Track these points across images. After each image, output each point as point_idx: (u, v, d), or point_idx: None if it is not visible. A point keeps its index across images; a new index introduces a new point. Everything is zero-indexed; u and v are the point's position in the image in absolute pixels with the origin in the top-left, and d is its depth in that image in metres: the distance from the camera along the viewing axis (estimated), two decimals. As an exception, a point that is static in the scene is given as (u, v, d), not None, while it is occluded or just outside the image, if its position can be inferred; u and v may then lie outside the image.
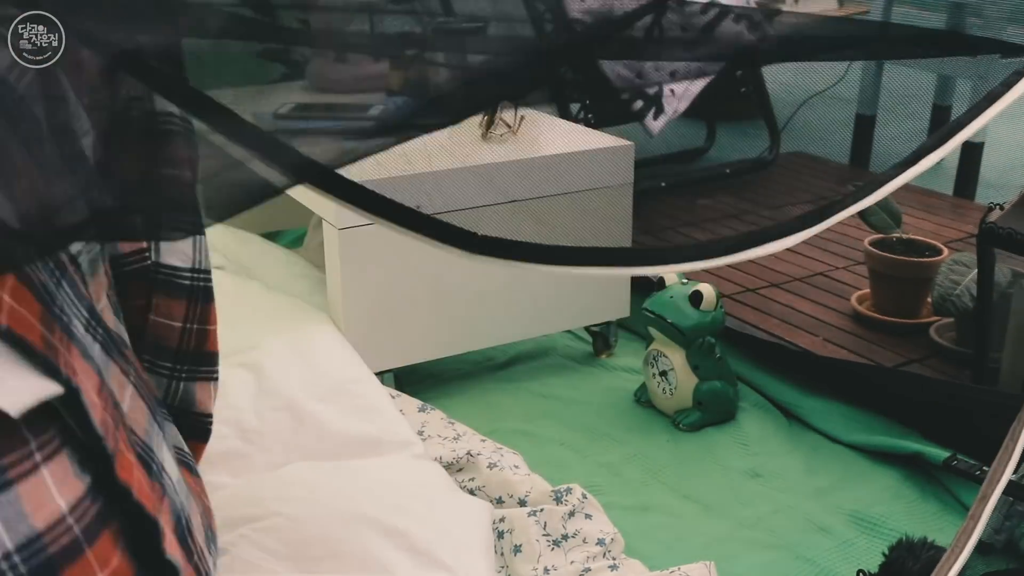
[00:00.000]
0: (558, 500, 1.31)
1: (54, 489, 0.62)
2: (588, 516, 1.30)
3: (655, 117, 2.49)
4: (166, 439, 0.85)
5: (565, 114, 2.36)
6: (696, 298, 1.62)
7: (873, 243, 1.93)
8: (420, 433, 1.48)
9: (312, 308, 1.62)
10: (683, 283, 1.66)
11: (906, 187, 0.87)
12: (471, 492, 1.36)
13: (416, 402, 1.55)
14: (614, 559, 1.25)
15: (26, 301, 0.62)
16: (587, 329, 1.86)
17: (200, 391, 0.98)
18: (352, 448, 1.33)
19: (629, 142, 1.74)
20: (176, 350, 0.95)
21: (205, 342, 0.98)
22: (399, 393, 1.58)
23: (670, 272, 1.63)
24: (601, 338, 1.85)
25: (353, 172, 1.66)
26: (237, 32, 1.00)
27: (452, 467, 1.40)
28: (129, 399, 0.79)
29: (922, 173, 0.84)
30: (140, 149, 0.84)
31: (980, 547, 1.31)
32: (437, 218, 0.82)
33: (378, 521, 1.14)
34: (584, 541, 1.26)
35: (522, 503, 1.33)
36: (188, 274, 0.96)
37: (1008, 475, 0.98)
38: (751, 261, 2.22)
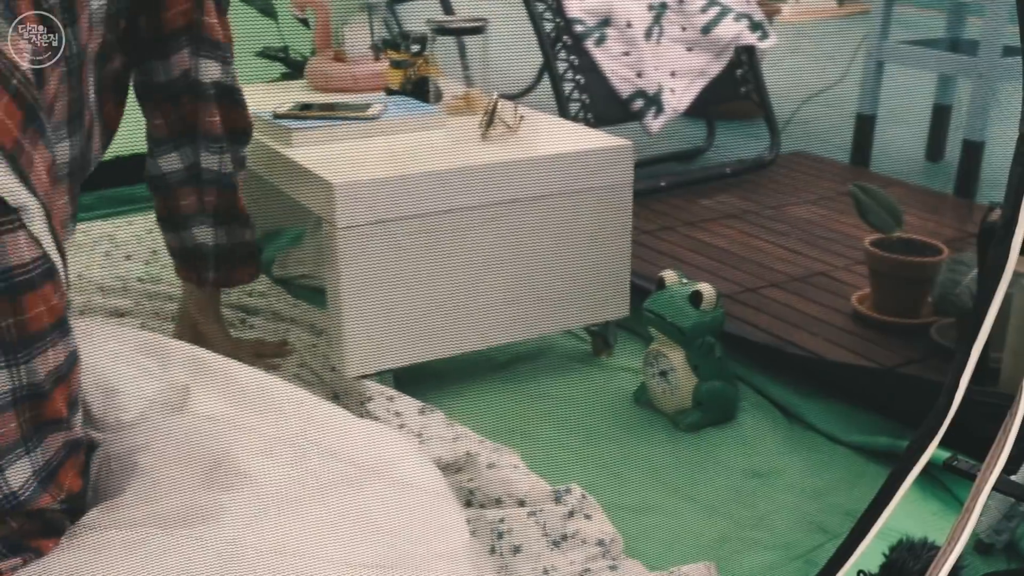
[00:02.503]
0: (557, 500, 1.31)
1: (23, 246, 1.00)
2: (588, 516, 1.29)
3: (655, 116, 2.49)
4: None
5: (565, 114, 2.36)
6: (696, 298, 1.61)
7: (873, 243, 1.93)
8: (420, 435, 1.48)
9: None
10: (683, 283, 1.66)
11: (906, 187, 0.87)
12: (470, 492, 1.36)
13: (416, 403, 1.55)
14: (614, 559, 1.25)
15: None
16: (587, 329, 1.86)
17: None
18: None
19: (629, 142, 1.74)
20: (220, 135, 1.52)
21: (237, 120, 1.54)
22: (399, 393, 1.58)
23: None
24: (601, 338, 1.85)
25: (354, 173, 1.68)
26: None
27: (451, 467, 1.40)
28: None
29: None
30: None
31: (980, 547, 1.31)
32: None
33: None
34: (584, 541, 1.26)
35: (521, 503, 1.33)
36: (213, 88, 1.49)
37: (999, 470, 0.99)
38: (751, 261, 2.22)
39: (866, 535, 1.04)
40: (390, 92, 2.01)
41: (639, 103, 2.48)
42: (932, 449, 1.04)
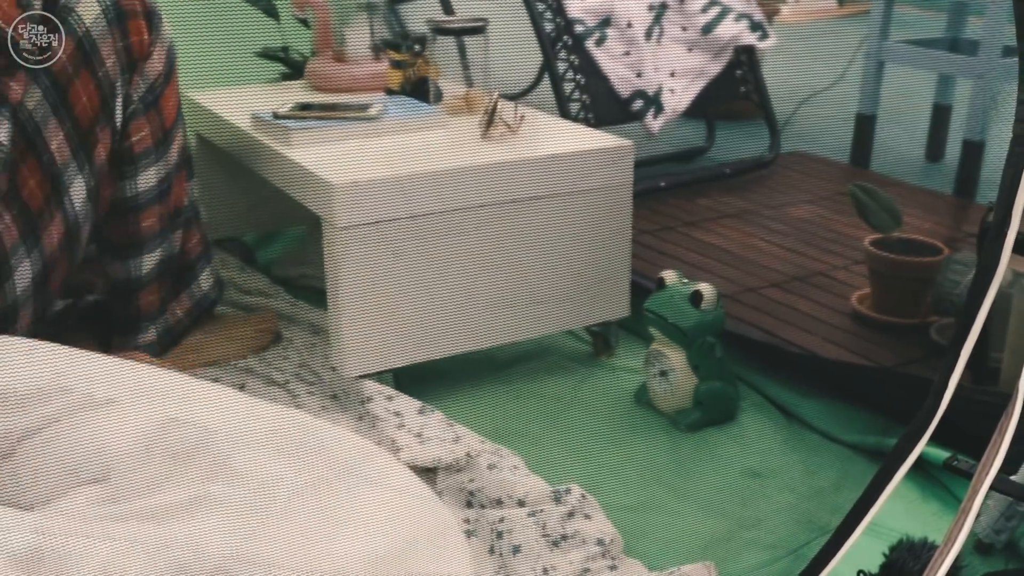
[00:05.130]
0: (557, 500, 1.31)
1: None
2: (587, 516, 1.29)
3: (655, 116, 2.49)
4: None
5: (565, 114, 2.36)
6: (696, 298, 1.61)
7: (873, 243, 1.93)
8: (420, 435, 1.48)
9: None
10: (683, 283, 1.66)
11: (906, 187, 0.88)
12: (470, 493, 1.36)
13: (416, 403, 1.55)
14: (613, 559, 1.25)
15: None
16: (587, 329, 1.86)
17: None
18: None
19: (629, 142, 1.74)
20: None
21: None
22: (398, 393, 1.58)
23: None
24: (601, 338, 1.85)
25: (354, 172, 1.68)
26: None
27: (451, 468, 1.40)
28: None
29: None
30: None
31: (980, 547, 1.31)
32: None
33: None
34: (583, 541, 1.26)
35: (521, 503, 1.33)
36: None
37: (996, 469, 0.99)
38: (751, 261, 2.23)
39: (852, 533, 1.04)
40: (390, 92, 2.01)
41: (639, 103, 2.48)
42: (919, 449, 1.04)
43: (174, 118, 1.61)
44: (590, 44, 2.44)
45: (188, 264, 1.71)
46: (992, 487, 1.02)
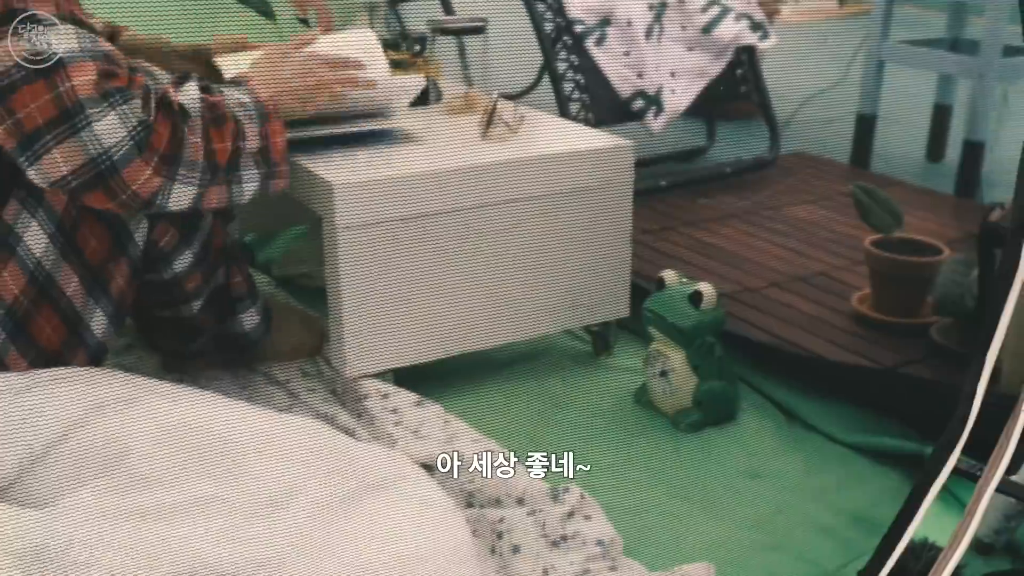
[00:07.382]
0: (555, 499, 1.31)
1: None
2: (587, 517, 1.29)
3: (655, 116, 2.49)
4: None
5: (565, 113, 2.36)
6: (696, 298, 1.61)
7: (873, 243, 1.93)
8: (416, 432, 1.48)
9: None
10: (683, 283, 1.66)
11: (906, 187, 0.87)
12: (469, 494, 1.36)
13: (413, 397, 1.55)
14: (613, 560, 1.25)
15: None
16: (587, 329, 1.85)
17: None
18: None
19: (629, 142, 1.74)
20: None
21: None
22: (397, 389, 1.57)
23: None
24: (601, 338, 1.85)
25: (354, 173, 1.67)
26: None
27: (447, 466, 1.40)
28: None
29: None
30: None
31: (980, 547, 1.31)
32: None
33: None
34: (583, 542, 1.26)
35: (520, 502, 1.33)
36: None
37: (1002, 471, 0.99)
38: (751, 261, 2.22)
39: (895, 549, 1.03)
40: (390, 92, 2.00)
41: (640, 103, 2.48)
42: (955, 458, 1.04)
43: None
44: (590, 44, 2.44)
45: (229, 301, 1.61)
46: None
